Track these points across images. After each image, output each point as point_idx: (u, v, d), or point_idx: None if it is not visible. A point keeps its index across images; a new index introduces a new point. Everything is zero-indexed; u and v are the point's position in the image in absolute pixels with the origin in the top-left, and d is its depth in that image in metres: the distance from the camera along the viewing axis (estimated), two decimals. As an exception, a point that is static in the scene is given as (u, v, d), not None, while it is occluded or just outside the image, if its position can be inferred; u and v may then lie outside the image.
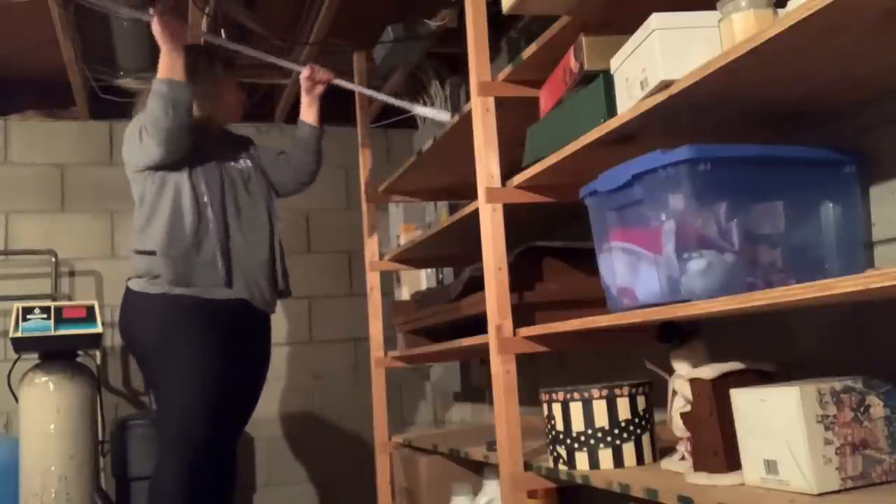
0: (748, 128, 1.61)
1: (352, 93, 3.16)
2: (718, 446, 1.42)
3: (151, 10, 2.26)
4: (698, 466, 1.46)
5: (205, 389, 2.22)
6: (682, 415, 1.53)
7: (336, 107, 3.72)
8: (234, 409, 2.34)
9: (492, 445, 2.17)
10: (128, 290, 2.32)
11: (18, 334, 2.99)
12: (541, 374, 2.76)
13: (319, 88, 2.57)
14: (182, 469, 2.19)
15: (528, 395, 2.38)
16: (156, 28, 2.24)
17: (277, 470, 2.44)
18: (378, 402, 3.00)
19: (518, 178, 1.94)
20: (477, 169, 1.98)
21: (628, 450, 1.71)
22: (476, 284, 2.18)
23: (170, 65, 2.24)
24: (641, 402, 1.74)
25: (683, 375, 1.54)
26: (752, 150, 1.41)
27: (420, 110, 2.65)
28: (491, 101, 1.99)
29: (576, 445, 1.73)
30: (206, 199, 2.31)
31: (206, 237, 2.29)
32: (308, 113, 2.59)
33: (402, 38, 2.87)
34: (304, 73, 2.54)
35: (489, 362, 1.95)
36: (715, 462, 1.42)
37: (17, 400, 3.08)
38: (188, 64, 2.35)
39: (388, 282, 3.90)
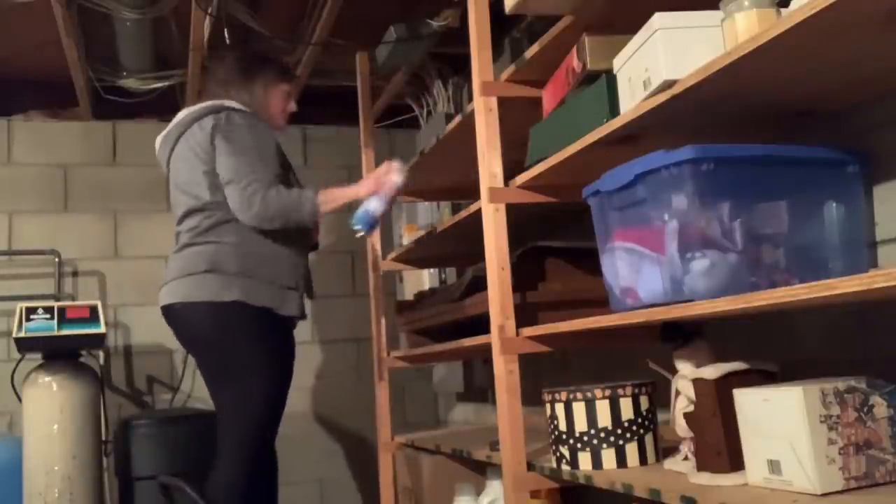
0: (751, 127, 1.61)
1: (354, 93, 3.16)
2: (722, 446, 1.41)
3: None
4: (701, 466, 1.46)
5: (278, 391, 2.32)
6: (686, 415, 1.52)
7: (339, 106, 3.74)
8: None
9: (495, 446, 2.17)
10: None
11: (22, 334, 2.99)
12: (544, 373, 2.76)
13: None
14: (246, 467, 2.24)
15: (531, 395, 2.38)
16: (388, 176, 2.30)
17: (280, 469, 2.45)
18: (381, 402, 3.00)
19: (521, 178, 1.94)
20: (479, 169, 1.98)
21: (631, 450, 1.71)
22: (479, 284, 2.18)
23: (340, 200, 2.30)
24: (644, 402, 1.74)
25: (686, 375, 1.54)
26: (755, 149, 1.41)
27: None
28: (493, 100, 1.99)
29: (579, 445, 1.73)
30: None
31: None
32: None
33: (405, 38, 2.87)
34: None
35: (492, 362, 1.95)
36: (718, 462, 1.42)
37: (20, 400, 3.09)
38: (241, 63, 2.40)
39: (391, 282, 3.90)
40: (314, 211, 2.26)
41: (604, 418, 1.71)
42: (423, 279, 3.60)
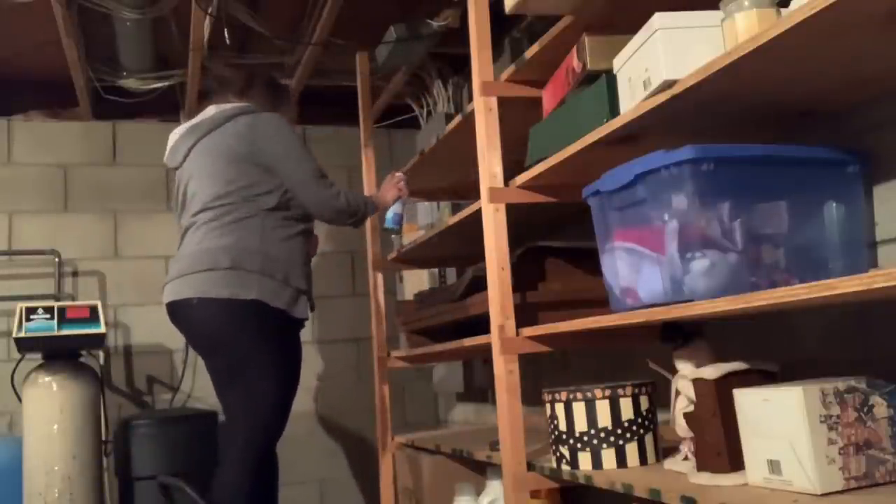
0: (751, 127, 1.61)
1: (354, 93, 3.17)
2: (722, 446, 1.42)
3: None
4: (701, 466, 1.46)
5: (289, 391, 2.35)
6: (686, 415, 1.52)
7: (339, 106, 3.74)
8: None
9: (495, 446, 2.17)
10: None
11: (22, 334, 2.99)
12: (544, 373, 2.76)
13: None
14: (253, 468, 2.24)
15: (531, 395, 2.39)
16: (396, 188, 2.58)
17: (280, 470, 2.45)
18: (381, 402, 3.00)
19: (521, 178, 1.94)
20: (479, 169, 1.98)
21: (631, 450, 1.71)
22: (479, 284, 2.18)
23: (384, 204, 2.58)
24: (644, 402, 1.74)
25: (687, 375, 1.54)
26: (755, 149, 1.41)
27: None
28: (494, 100, 1.99)
29: (579, 445, 1.73)
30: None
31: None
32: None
33: (405, 38, 2.87)
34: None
35: (492, 362, 1.95)
36: (718, 462, 1.42)
37: (20, 400, 3.09)
38: (271, 92, 2.54)
39: (391, 282, 3.90)
40: (374, 209, 2.51)
41: (604, 418, 1.71)
42: (423, 279, 3.59)
